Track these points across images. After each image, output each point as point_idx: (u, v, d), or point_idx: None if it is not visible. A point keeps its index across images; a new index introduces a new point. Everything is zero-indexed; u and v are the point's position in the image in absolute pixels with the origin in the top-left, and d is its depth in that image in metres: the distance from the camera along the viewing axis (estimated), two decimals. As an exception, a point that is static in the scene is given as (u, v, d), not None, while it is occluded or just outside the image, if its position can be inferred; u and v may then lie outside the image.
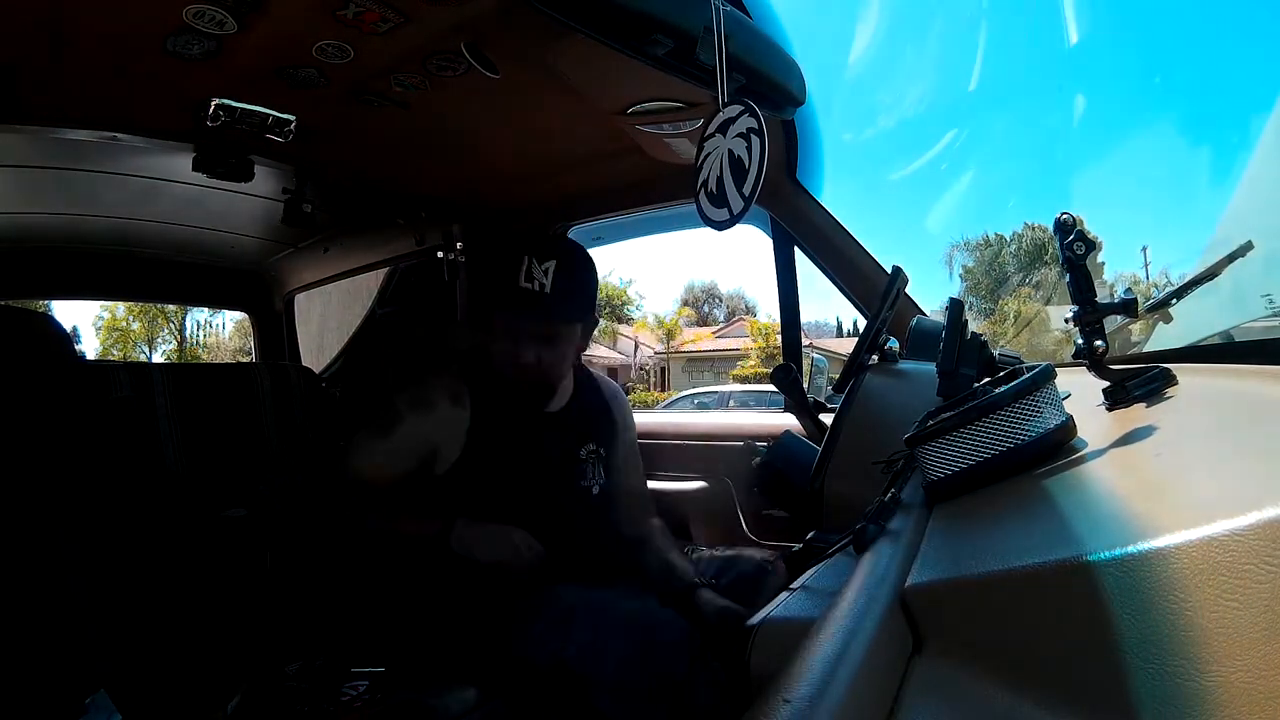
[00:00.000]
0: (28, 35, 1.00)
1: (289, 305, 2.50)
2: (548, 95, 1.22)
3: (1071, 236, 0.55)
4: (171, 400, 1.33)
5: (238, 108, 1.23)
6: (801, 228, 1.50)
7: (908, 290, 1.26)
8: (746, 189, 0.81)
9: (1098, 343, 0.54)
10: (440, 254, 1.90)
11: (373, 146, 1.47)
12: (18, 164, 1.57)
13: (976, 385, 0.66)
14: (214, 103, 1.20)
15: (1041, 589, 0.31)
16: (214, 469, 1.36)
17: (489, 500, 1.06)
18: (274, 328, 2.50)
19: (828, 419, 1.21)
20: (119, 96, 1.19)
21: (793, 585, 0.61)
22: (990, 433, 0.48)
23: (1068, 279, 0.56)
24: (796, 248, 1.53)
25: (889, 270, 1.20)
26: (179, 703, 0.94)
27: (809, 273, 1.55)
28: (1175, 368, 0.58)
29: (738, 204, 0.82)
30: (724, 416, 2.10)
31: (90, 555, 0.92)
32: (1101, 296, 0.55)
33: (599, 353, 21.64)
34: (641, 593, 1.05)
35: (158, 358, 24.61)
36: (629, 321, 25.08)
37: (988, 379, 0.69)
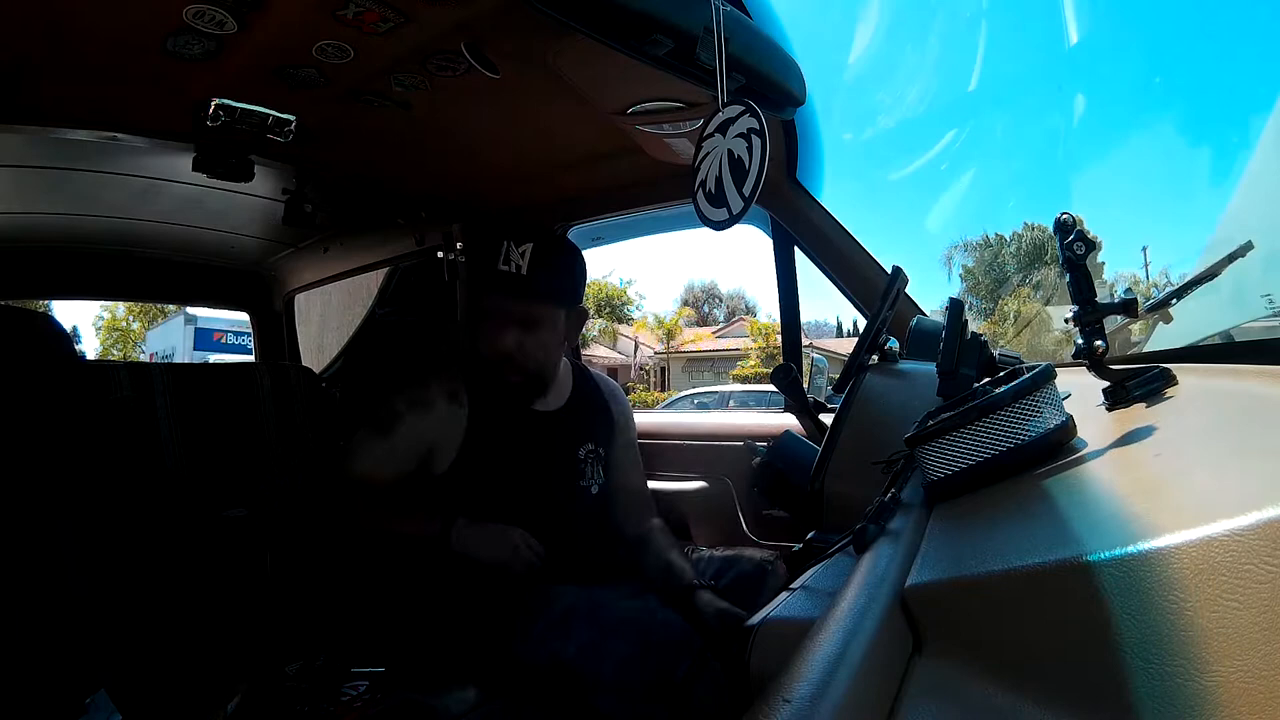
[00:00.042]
0: (28, 35, 1.00)
1: (289, 305, 2.50)
2: (548, 95, 1.22)
3: (1071, 236, 0.55)
4: (171, 400, 1.33)
5: (238, 108, 1.23)
6: (801, 228, 1.50)
7: (908, 290, 1.26)
8: (746, 189, 0.81)
9: (1098, 343, 0.54)
10: (440, 254, 1.90)
11: (373, 146, 1.47)
12: (18, 164, 1.57)
13: (976, 385, 0.66)
14: (214, 103, 1.21)
15: (1042, 589, 0.31)
16: (214, 469, 1.36)
17: (487, 500, 1.06)
18: (274, 328, 2.50)
19: (828, 419, 1.21)
20: (119, 96, 1.19)
21: (793, 585, 0.61)
22: (990, 433, 0.48)
23: (1068, 279, 0.56)
24: (796, 248, 1.53)
25: (889, 270, 1.20)
26: (179, 703, 0.94)
27: (809, 273, 1.55)
28: (1175, 368, 0.58)
29: (737, 204, 0.82)
30: (724, 416, 2.10)
31: (91, 555, 0.92)
32: (1101, 296, 0.55)
33: (599, 353, 21.64)
34: (641, 593, 1.05)
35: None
36: (629, 321, 25.07)
37: (988, 379, 0.69)
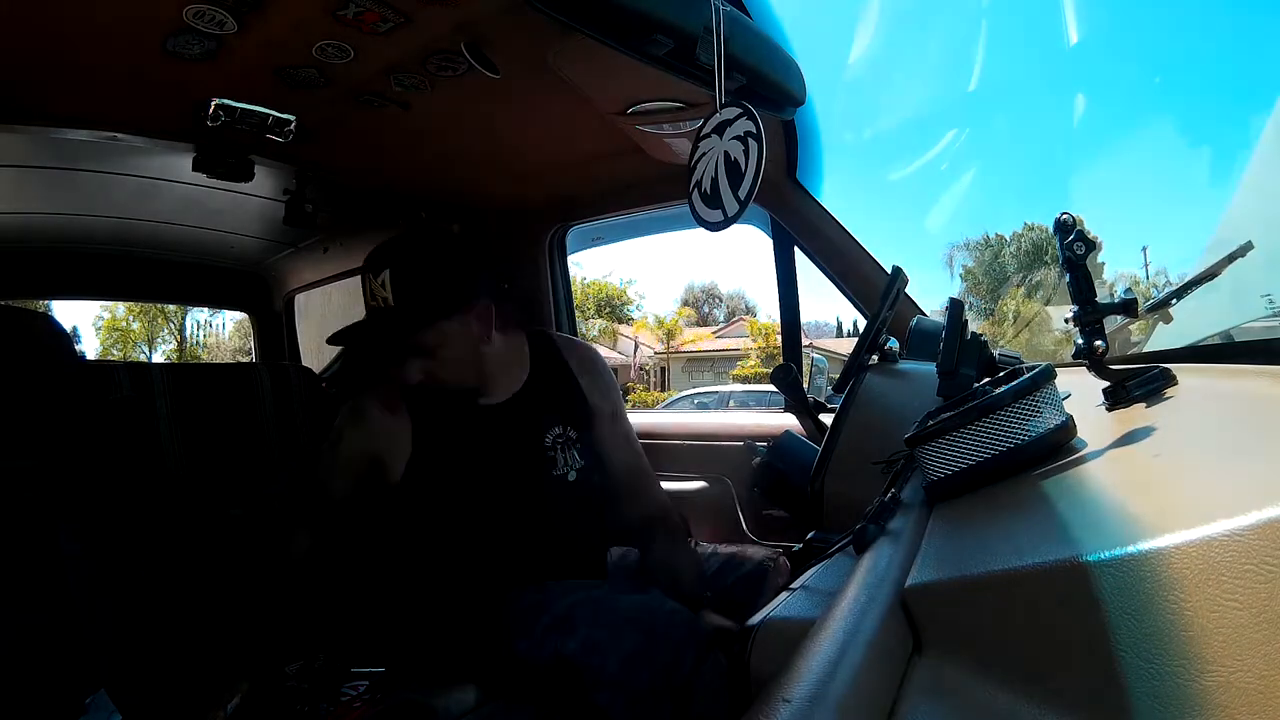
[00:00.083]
0: (28, 35, 1.00)
1: (289, 305, 2.50)
2: (548, 95, 1.22)
3: (1071, 236, 0.55)
4: (171, 400, 1.33)
5: (238, 108, 1.23)
6: (801, 228, 1.50)
7: (908, 290, 1.26)
8: (742, 192, 0.81)
9: (1098, 343, 0.54)
10: (440, 254, 1.90)
11: (373, 146, 1.47)
12: (18, 164, 1.57)
13: (976, 385, 0.66)
14: (214, 103, 1.21)
15: (1042, 589, 0.31)
16: (214, 469, 1.36)
17: (445, 505, 1.04)
18: (274, 328, 2.50)
19: (828, 419, 1.21)
20: (119, 96, 1.19)
21: (793, 585, 0.61)
22: (990, 433, 0.48)
23: (1068, 279, 0.56)
24: (796, 248, 1.53)
25: (889, 270, 1.20)
26: (179, 703, 0.94)
27: (809, 273, 1.55)
28: (1175, 368, 0.58)
29: (733, 207, 0.82)
30: (724, 416, 2.10)
31: (90, 555, 0.92)
32: (1101, 296, 0.55)
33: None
34: (644, 587, 1.05)
35: (158, 358, 24.62)
36: (629, 321, 25.07)
37: (988, 379, 0.69)
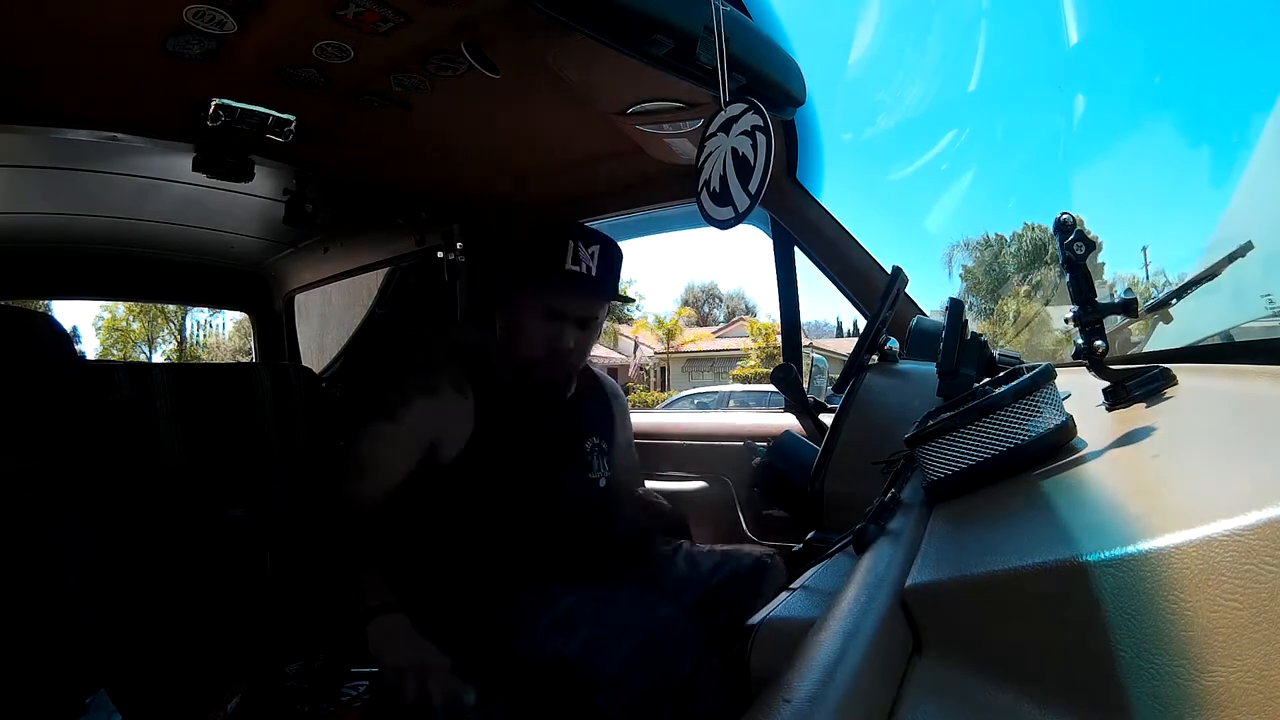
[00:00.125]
0: (28, 36, 1.00)
1: (289, 305, 2.50)
2: (548, 95, 1.22)
3: (1071, 236, 0.55)
4: (171, 401, 1.33)
5: (238, 108, 1.23)
6: (801, 228, 1.50)
7: (908, 290, 1.26)
8: (752, 186, 0.81)
9: (1098, 343, 0.54)
10: (440, 254, 1.90)
11: (373, 146, 1.47)
12: (18, 164, 1.58)
13: (976, 385, 0.66)
14: (214, 103, 1.21)
15: (1042, 589, 0.31)
16: (214, 469, 1.36)
17: (495, 490, 1.05)
18: (274, 328, 2.50)
19: (828, 419, 1.21)
20: (119, 96, 1.19)
21: (793, 585, 0.61)
22: (990, 433, 0.48)
23: (1068, 279, 0.56)
24: (796, 248, 1.53)
25: (889, 270, 1.20)
26: (179, 703, 0.94)
27: (809, 273, 1.55)
28: (1175, 368, 0.58)
29: (743, 202, 0.82)
30: (724, 416, 2.10)
31: (90, 555, 0.92)
32: (1101, 296, 0.55)
33: (599, 353, 21.63)
34: (645, 590, 1.05)
35: (158, 358, 24.64)
36: (629, 321, 25.07)
37: (988, 379, 0.69)
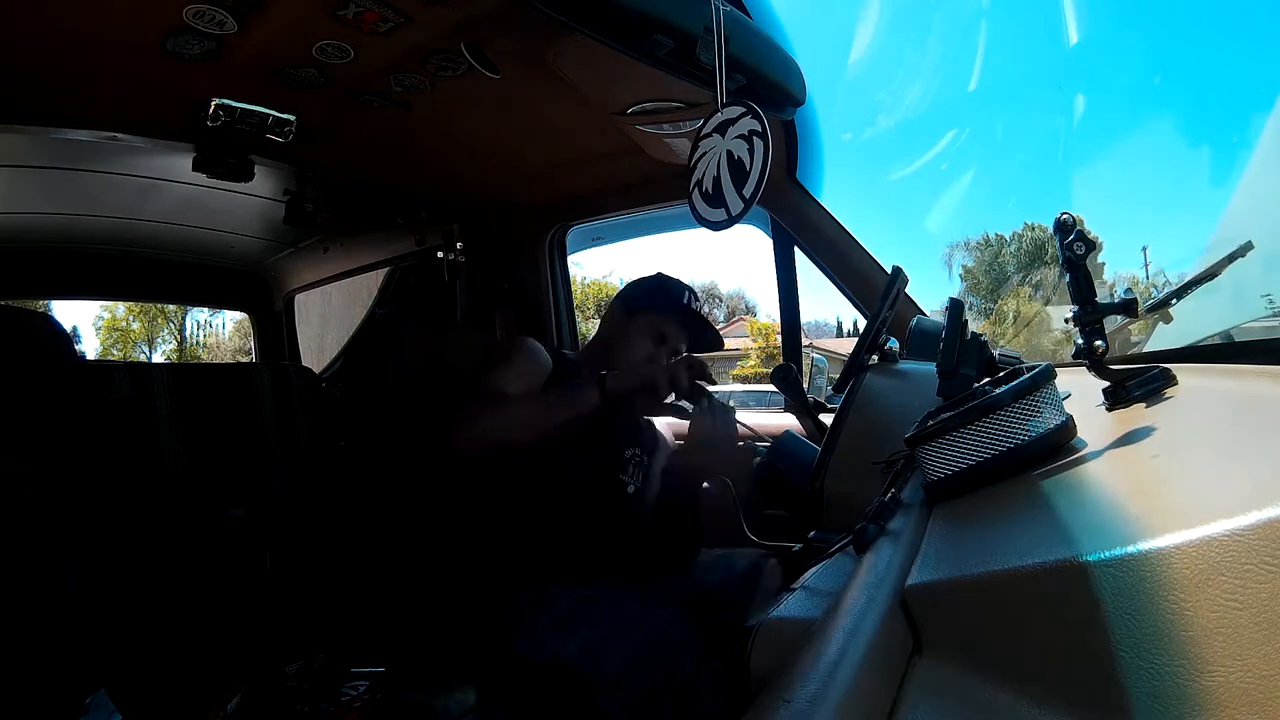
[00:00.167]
0: (28, 35, 1.00)
1: (289, 305, 2.50)
2: (548, 95, 1.22)
3: (1071, 236, 0.55)
4: (171, 400, 1.33)
5: (238, 108, 1.23)
6: (801, 228, 1.50)
7: (908, 290, 1.26)
8: (747, 191, 0.81)
9: (1098, 343, 0.54)
10: (440, 254, 1.90)
11: (373, 146, 1.47)
12: (18, 164, 1.58)
13: (976, 385, 0.66)
14: (214, 103, 1.21)
15: (1041, 589, 0.31)
16: (214, 469, 1.36)
17: (538, 465, 1.07)
18: (274, 328, 2.50)
19: (828, 419, 1.21)
20: (119, 96, 1.19)
21: (793, 585, 0.60)
22: (990, 433, 0.48)
23: (1068, 279, 0.56)
24: (796, 248, 1.53)
25: (889, 270, 1.20)
26: (179, 703, 0.94)
27: (809, 273, 1.55)
28: (1175, 368, 0.58)
29: (736, 206, 0.82)
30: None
31: (90, 555, 0.92)
32: (1101, 296, 0.55)
33: (599, 353, 21.55)
34: (644, 593, 1.05)
35: (158, 358, 24.62)
36: (629, 321, 24.98)
37: (988, 379, 0.69)
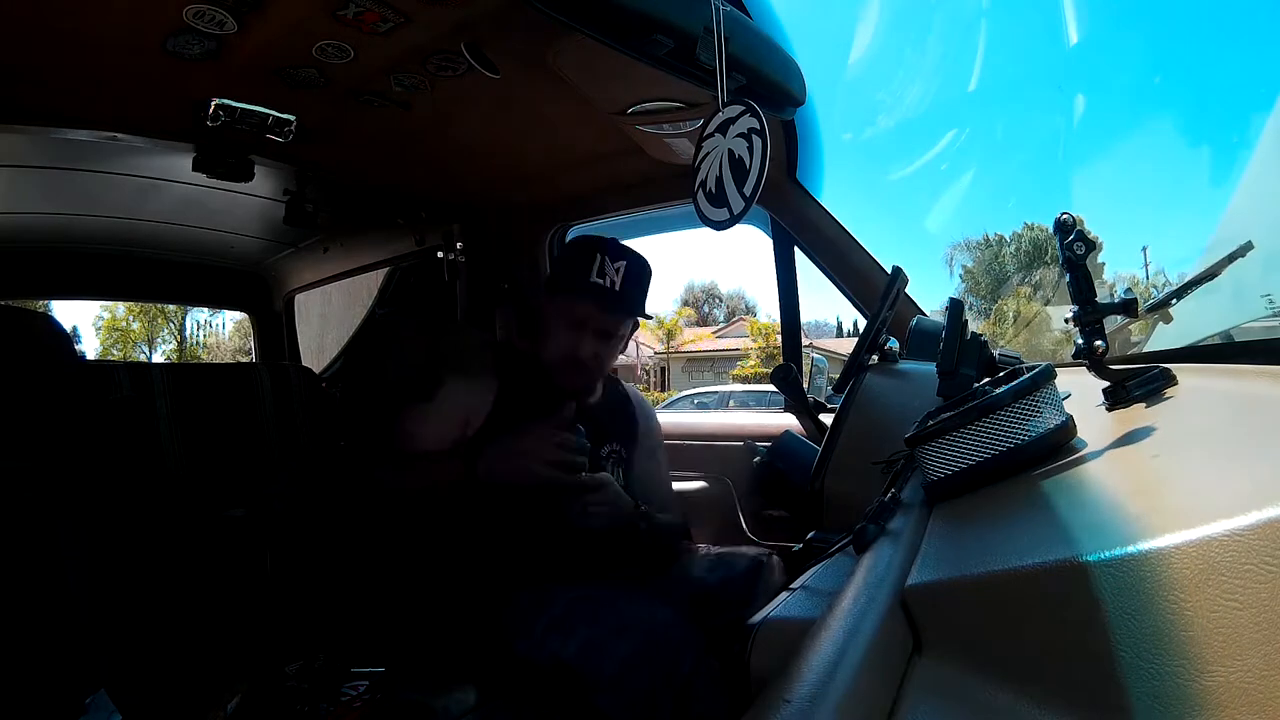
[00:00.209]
0: (28, 35, 1.00)
1: (289, 305, 2.50)
2: (548, 95, 1.22)
3: (1071, 236, 0.55)
4: (171, 400, 1.33)
5: (238, 108, 1.23)
6: (801, 228, 1.50)
7: (908, 290, 1.26)
8: (747, 189, 0.81)
9: (1098, 343, 0.54)
10: (440, 254, 1.90)
11: (373, 146, 1.47)
12: (18, 164, 1.58)
13: (976, 385, 0.66)
14: (214, 103, 1.21)
15: (1042, 589, 0.31)
16: (214, 469, 1.36)
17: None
18: (274, 328, 2.50)
19: (828, 419, 1.21)
20: (119, 96, 1.19)
21: (793, 585, 0.61)
22: (990, 433, 0.48)
23: (1068, 279, 0.56)
24: (796, 248, 1.53)
25: (889, 270, 1.20)
26: (179, 703, 0.94)
27: (809, 273, 1.55)
28: (1175, 368, 0.58)
29: (738, 204, 0.82)
30: (724, 416, 2.10)
31: (90, 555, 0.92)
32: (1101, 296, 0.55)
33: (599, 353, 21.57)
34: (643, 591, 1.05)
35: (158, 358, 24.64)
36: (629, 321, 24.99)
37: (988, 379, 0.69)
